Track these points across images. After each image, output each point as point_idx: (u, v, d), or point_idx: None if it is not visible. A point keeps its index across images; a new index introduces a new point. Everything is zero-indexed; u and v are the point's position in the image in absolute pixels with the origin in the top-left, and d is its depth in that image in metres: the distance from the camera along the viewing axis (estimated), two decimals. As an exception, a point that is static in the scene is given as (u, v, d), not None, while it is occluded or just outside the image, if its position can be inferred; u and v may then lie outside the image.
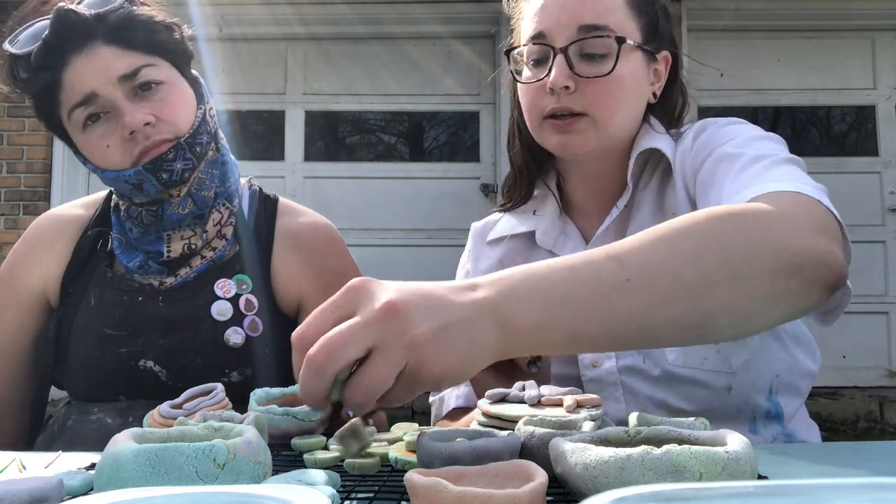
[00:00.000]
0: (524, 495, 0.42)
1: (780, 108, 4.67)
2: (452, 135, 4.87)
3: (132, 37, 0.98)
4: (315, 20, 4.46)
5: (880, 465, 0.65)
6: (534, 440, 0.57)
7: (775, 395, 0.91)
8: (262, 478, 0.50)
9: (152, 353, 1.00)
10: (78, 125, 0.99)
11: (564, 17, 0.91)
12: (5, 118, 4.31)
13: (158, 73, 0.99)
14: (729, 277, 0.61)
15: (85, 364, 1.02)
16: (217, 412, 0.70)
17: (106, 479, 0.47)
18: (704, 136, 0.93)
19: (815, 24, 4.50)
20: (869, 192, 4.41)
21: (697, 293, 0.60)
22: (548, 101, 0.92)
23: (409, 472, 0.45)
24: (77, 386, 1.03)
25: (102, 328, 1.02)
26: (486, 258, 1.08)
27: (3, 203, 4.27)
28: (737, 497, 0.30)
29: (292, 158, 4.60)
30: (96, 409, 1.00)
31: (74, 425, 1.00)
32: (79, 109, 0.97)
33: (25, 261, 1.10)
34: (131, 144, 0.97)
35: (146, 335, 1.01)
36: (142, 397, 1.00)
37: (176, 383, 0.99)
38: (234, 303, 1.03)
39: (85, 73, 0.96)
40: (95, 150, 0.99)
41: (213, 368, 1.00)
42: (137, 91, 0.97)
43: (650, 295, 0.59)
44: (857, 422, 3.96)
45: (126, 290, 1.03)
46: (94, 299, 1.04)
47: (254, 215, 1.11)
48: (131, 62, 0.97)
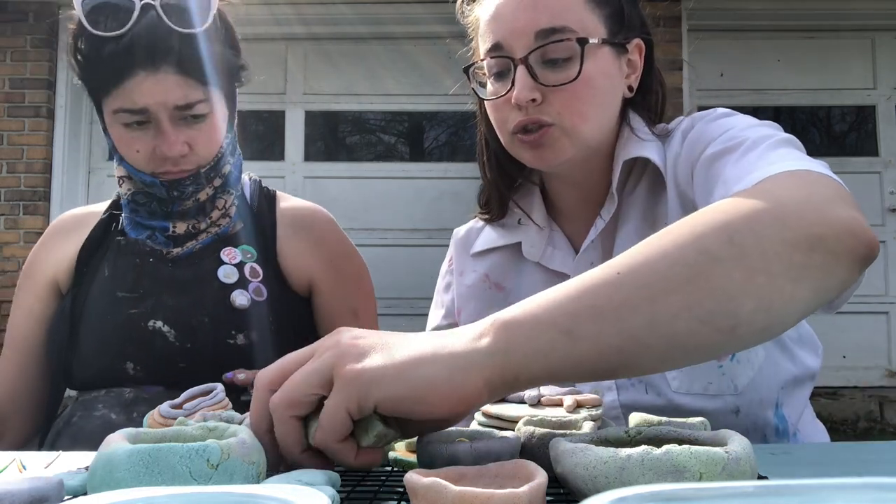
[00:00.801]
0: (524, 495, 0.42)
1: (780, 108, 4.67)
2: (452, 135, 4.87)
3: (200, 69, 1.02)
4: (315, 20, 4.46)
5: (880, 465, 0.65)
6: (534, 440, 0.57)
7: (781, 407, 0.88)
8: (257, 478, 0.50)
9: (161, 314, 1.04)
10: (117, 119, 1.04)
11: (519, 23, 0.85)
12: (5, 118, 4.30)
13: (208, 106, 1.04)
14: (738, 256, 0.54)
15: (98, 330, 1.05)
16: (217, 412, 0.70)
17: (99, 480, 0.47)
18: (694, 134, 0.86)
19: (815, 24, 4.50)
20: (869, 192, 4.40)
21: (706, 274, 0.53)
22: (515, 115, 0.86)
23: (409, 473, 0.45)
24: (88, 359, 1.05)
25: (115, 292, 1.06)
26: (470, 272, 1.03)
27: (3, 203, 4.27)
28: (737, 497, 0.30)
29: (292, 158, 4.60)
30: (100, 405, 1.01)
31: (79, 422, 1.01)
32: (126, 114, 1.02)
33: (42, 251, 1.16)
34: (158, 161, 1.04)
35: (156, 296, 1.05)
36: (152, 361, 1.03)
37: (184, 344, 1.03)
38: (240, 269, 1.08)
39: (146, 91, 0.99)
40: (123, 145, 1.05)
41: (220, 329, 1.04)
42: (186, 118, 1.03)
43: (648, 284, 0.53)
44: (857, 422, 3.96)
45: (138, 253, 1.08)
46: (107, 270, 1.09)
47: (255, 201, 1.18)
48: (190, 95, 1.02)
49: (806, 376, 0.92)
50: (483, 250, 1.02)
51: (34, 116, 4.32)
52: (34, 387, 1.12)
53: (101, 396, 1.03)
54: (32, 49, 4.33)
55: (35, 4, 4.35)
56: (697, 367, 0.84)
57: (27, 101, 4.32)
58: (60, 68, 4.40)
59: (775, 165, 0.67)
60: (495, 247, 1.01)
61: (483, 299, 1.00)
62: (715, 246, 0.54)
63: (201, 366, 1.01)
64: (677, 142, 0.88)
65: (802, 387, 0.92)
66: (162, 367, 1.03)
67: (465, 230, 1.08)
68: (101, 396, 1.03)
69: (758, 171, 0.67)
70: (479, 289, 1.01)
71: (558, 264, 0.95)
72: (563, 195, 0.98)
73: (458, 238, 1.08)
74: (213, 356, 1.03)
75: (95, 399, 1.03)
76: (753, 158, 0.72)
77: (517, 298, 0.97)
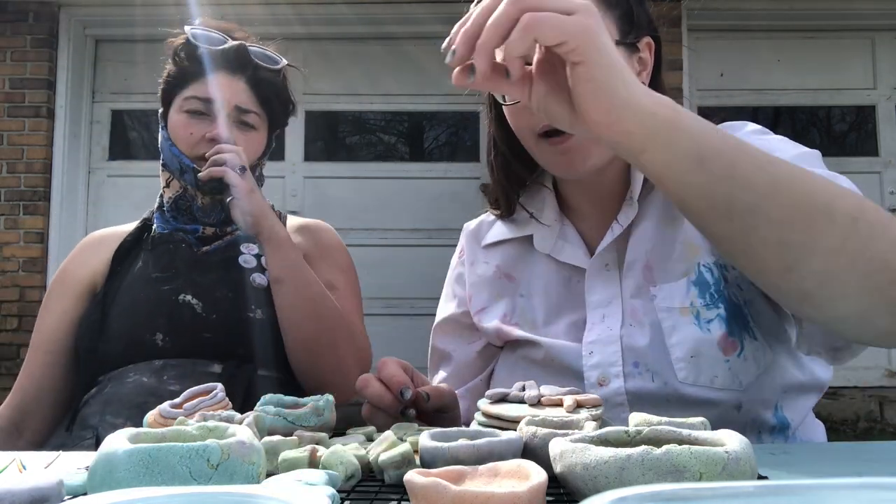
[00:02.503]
0: (524, 495, 0.42)
1: (780, 108, 4.67)
2: (452, 135, 4.87)
3: (263, 91, 1.29)
4: (315, 20, 4.46)
5: (880, 465, 0.65)
6: (536, 440, 0.57)
7: (781, 410, 0.89)
8: (256, 478, 0.50)
9: (191, 289, 1.19)
10: (183, 107, 1.25)
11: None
12: (5, 118, 4.30)
13: (257, 121, 1.29)
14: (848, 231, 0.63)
15: (129, 308, 1.17)
16: (217, 412, 0.70)
17: (99, 480, 0.47)
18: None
19: (815, 24, 4.50)
20: (869, 192, 4.39)
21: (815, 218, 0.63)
22: (539, 119, 0.87)
23: (409, 472, 0.45)
24: (117, 333, 1.15)
25: (151, 274, 1.22)
26: (482, 262, 1.05)
27: (3, 203, 4.27)
28: (737, 497, 0.30)
29: (292, 158, 4.60)
30: (131, 373, 1.10)
31: (111, 389, 1.08)
32: (195, 101, 1.24)
33: (76, 259, 1.29)
34: (203, 145, 1.22)
35: (186, 275, 1.21)
36: (179, 331, 1.15)
37: (209, 315, 1.17)
38: (258, 259, 1.24)
39: (218, 85, 1.24)
40: (180, 128, 1.25)
41: (242, 303, 1.18)
42: (238, 122, 1.26)
43: (776, 186, 0.62)
44: (857, 422, 3.96)
45: (172, 241, 1.25)
46: (141, 261, 1.25)
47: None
48: (249, 103, 1.27)
49: (813, 386, 0.92)
50: (494, 242, 1.05)
51: (34, 116, 4.32)
52: (59, 387, 1.20)
53: (132, 367, 1.11)
54: (32, 49, 4.33)
55: (35, 4, 4.35)
56: (705, 361, 0.85)
57: (27, 101, 4.32)
58: (60, 68, 4.40)
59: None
60: (506, 239, 1.04)
61: (494, 287, 1.02)
62: (840, 211, 0.64)
63: (223, 336, 1.15)
64: None
65: (808, 395, 0.92)
66: (188, 338, 1.15)
67: (476, 223, 1.11)
68: (132, 367, 1.11)
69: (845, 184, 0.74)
70: (490, 278, 1.03)
71: (568, 257, 0.97)
72: (576, 196, 1.00)
73: (469, 231, 1.11)
74: (234, 327, 1.16)
75: (126, 371, 1.11)
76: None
77: (527, 288, 1.00)
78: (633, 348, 0.88)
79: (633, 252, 0.92)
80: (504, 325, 0.98)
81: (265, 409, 0.70)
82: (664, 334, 0.86)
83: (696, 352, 0.85)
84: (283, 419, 0.69)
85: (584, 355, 0.90)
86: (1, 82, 4.30)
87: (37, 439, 1.15)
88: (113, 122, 4.63)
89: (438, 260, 1.13)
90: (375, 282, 4.53)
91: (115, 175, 4.49)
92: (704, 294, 0.87)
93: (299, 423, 0.69)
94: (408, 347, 4.09)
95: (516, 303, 1.00)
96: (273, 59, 1.30)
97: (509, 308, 1.00)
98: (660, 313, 0.88)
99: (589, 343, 0.90)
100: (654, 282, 0.90)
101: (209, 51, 1.24)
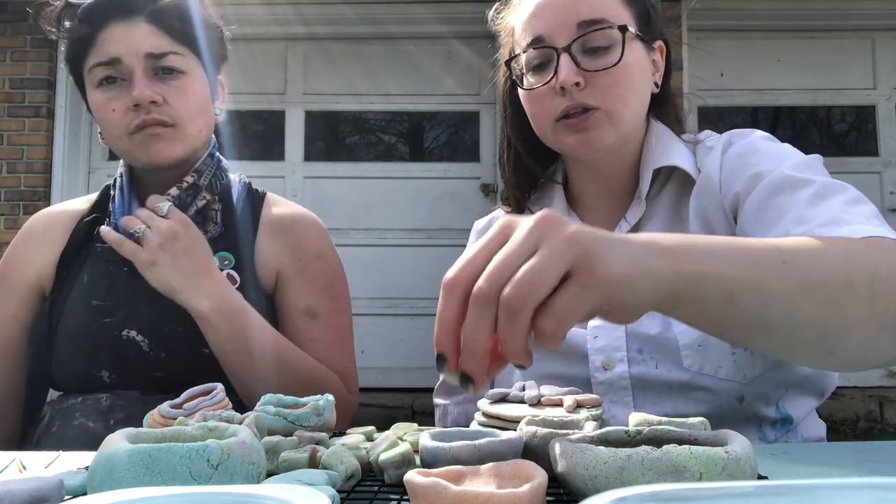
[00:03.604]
0: (524, 495, 0.42)
1: (780, 108, 4.67)
2: (452, 135, 4.87)
3: (172, 24, 1.05)
4: (315, 20, 4.46)
5: (880, 465, 0.65)
6: (536, 440, 0.57)
7: (783, 406, 0.90)
8: (257, 478, 0.50)
9: (135, 323, 1.03)
10: (93, 82, 1.05)
11: (560, 18, 0.90)
12: (5, 118, 4.30)
13: (183, 62, 1.06)
14: (871, 296, 0.63)
15: (73, 336, 1.04)
16: (217, 412, 0.70)
17: (99, 480, 0.46)
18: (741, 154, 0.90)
19: (815, 24, 4.49)
20: (869, 192, 4.35)
21: (842, 301, 0.63)
22: (559, 102, 0.90)
23: (409, 472, 0.45)
24: (64, 363, 1.04)
25: (90, 300, 1.05)
26: None
27: (3, 203, 4.27)
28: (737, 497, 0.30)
29: (292, 158, 4.60)
30: (78, 412, 1.01)
31: (58, 431, 1.01)
32: (99, 68, 1.04)
33: (20, 253, 1.13)
34: (133, 114, 1.03)
35: (130, 305, 1.04)
36: (126, 369, 1.02)
37: (158, 353, 1.02)
38: None
39: (117, 40, 1.03)
40: (100, 110, 1.05)
41: (195, 338, 1.01)
42: (158, 72, 1.04)
43: (801, 288, 0.61)
44: (857, 422, 3.96)
45: (113, 260, 1.06)
46: (86, 276, 1.08)
47: (241, 204, 1.16)
48: (162, 45, 1.04)
49: (816, 387, 0.93)
50: None
51: (34, 116, 4.32)
52: (20, 390, 1.12)
53: (78, 404, 1.02)
54: (32, 49, 4.33)
55: (35, 5, 4.35)
56: (711, 351, 0.86)
57: (27, 101, 4.32)
58: (60, 68, 4.39)
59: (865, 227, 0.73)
60: None
61: None
62: (859, 282, 0.64)
63: (176, 375, 1.00)
64: (716, 157, 0.92)
65: (810, 396, 0.93)
66: (137, 376, 1.02)
67: (486, 219, 1.13)
68: (78, 404, 1.02)
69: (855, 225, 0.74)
70: None
71: None
72: (585, 187, 1.02)
73: (479, 228, 1.13)
74: (188, 365, 1.01)
75: (73, 407, 1.02)
76: (836, 207, 0.78)
77: None
78: (639, 335, 0.89)
79: None
80: None
81: (265, 409, 0.70)
82: (672, 322, 0.87)
83: (703, 341, 0.86)
84: (283, 419, 0.69)
85: (589, 339, 0.91)
86: (1, 82, 4.30)
87: (9, 436, 1.11)
88: (113, 122, 4.63)
89: (438, 260, 1.13)
90: (375, 282, 4.53)
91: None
92: None
93: (299, 423, 0.69)
94: (407, 347, 4.09)
95: None
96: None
97: None
98: None
99: (594, 328, 0.92)
100: None
101: (91, 2, 1.03)
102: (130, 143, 1.04)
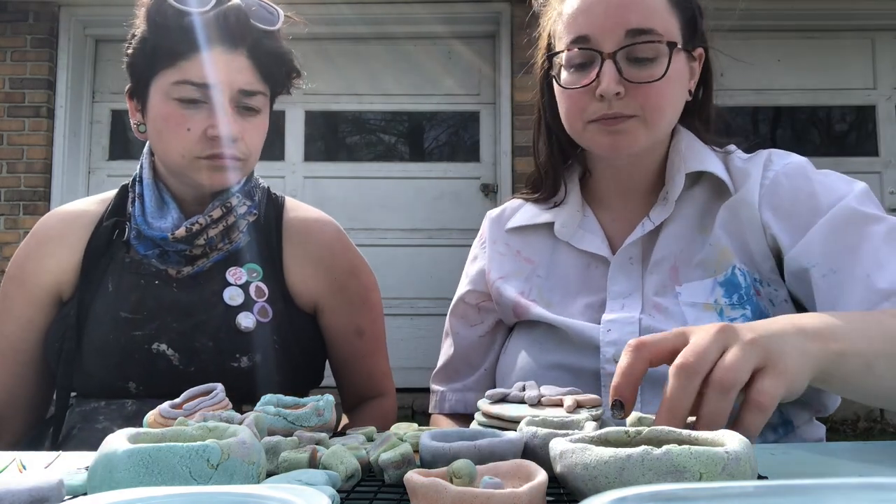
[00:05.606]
0: (524, 495, 0.42)
1: (780, 108, 4.67)
2: (452, 135, 4.87)
3: (267, 63, 1.05)
4: (315, 20, 4.45)
5: (880, 465, 0.65)
6: (536, 440, 0.57)
7: (785, 413, 0.90)
8: (257, 478, 0.50)
9: (166, 337, 1.03)
10: (171, 93, 1.01)
11: (609, 21, 0.88)
12: (5, 118, 4.30)
13: (262, 102, 1.06)
14: None
15: (100, 349, 1.03)
16: (217, 412, 0.70)
17: (99, 480, 0.46)
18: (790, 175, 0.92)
19: (815, 24, 4.50)
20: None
21: None
22: (596, 108, 0.90)
23: (409, 472, 0.45)
24: (90, 373, 1.03)
25: (119, 312, 1.04)
26: (503, 243, 1.08)
27: (3, 203, 4.27)
28: (737, 497, 0.30)
29: (292, 158, 4.60)
30: (102, 416, 1.01)
31: (80, 434, 1.00)
32: (189, 87, 1.00)
33: (36, 256, 1.10)
34: (208, 143, 1.01)
35: (160, 319, 1.04)
36: (154, 382, 1.02)
37: (188, 367, 1.02)
38: (245, 289, 1.07)
39: (216, 65, 0.99)
40: (172, 124, 1.01)
41: (225, 352, 1.03)
42: (240, 107, 1.03)
43: None
44: (857, 422, 3.96)
45: (143, 274, 1.06)
46: (111, 285, 1.06)
47: (262, 210, 1.15)
48: (253, 83, 1.03)
49: (821, 409, 0.93)
50: (517, 227, 1.08)
51: (34, 116, 4.32)
52: (31, 391, 1.12)
53: (102, 408, 1.02)
54: (32, 49, 4.33)
55: (35, 4, 4.35)
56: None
57: (27, 101, 4.32)
58: (60, 68, 4.40)
59: None
60: (528, 224, 1.06)
61: (514, 263, 1.06)
62: None
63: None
64: (756, 176, 0.93)
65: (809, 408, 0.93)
66: (164, 389, 1.00)
67: (499, 210, 1.14)
68: (102, 408, 1.02)
69: None
70: (509, 255, 1.07)
71: (588, 245, 1.00)
72: (606, 184, 1.03)
73: (492, 217, 1.13)
74: (217, 379, 0.99)
75: (96, 410, 1.02)
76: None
77: (545, 271, 1.04)
78: (652, 331, 0.89)
79: (661, 250, 0.95)
80: (522, 300, 1.00)
81: (265, 409, 0.70)
82: (686, 322, 0.88)
83: None
84: (283, 419, 0.69)
85: (602, 332, 0.92)
86: (1, 82, 4.31)
87: (17, 439, 1.11)
88: (113, 122, 4.63)
89: (438, 260, 1.14)
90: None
91: (115, 175, 4.49)
92: (732, 294, 0.89)
93: (299, 423, 0.69)
94: (407, 347, 4.09)
95: (533, 282, 1.03)
96: (270, 15, 1.06)
97: (527, 286, 1.02)
98: (683, 307, 0.90)
99: (607, 321, 0.92)
100: (679, 282, 0.92)
101: (201, 17, 0.99)
102: (192, 165, 1.03)
